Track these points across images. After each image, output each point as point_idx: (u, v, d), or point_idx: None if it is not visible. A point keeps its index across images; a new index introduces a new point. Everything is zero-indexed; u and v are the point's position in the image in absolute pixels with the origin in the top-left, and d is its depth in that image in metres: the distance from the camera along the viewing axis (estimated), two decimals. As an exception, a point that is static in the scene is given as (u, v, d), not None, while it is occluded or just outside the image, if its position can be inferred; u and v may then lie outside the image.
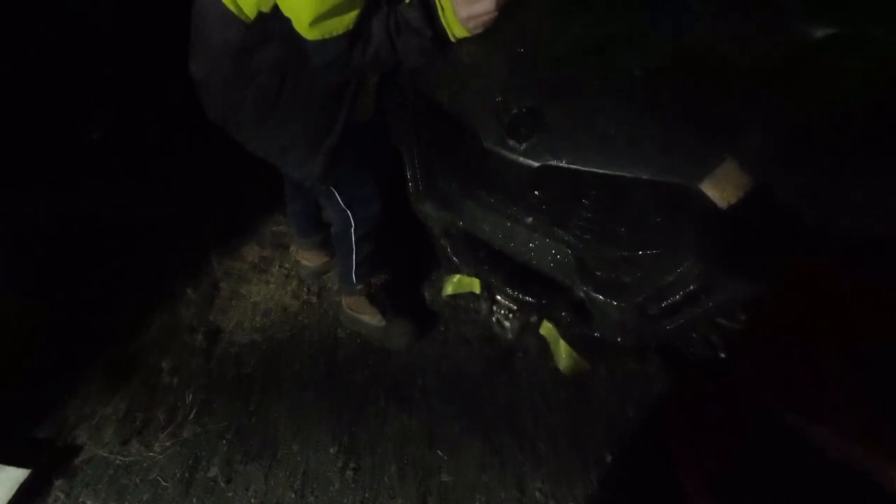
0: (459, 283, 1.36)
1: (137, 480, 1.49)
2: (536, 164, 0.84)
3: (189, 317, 1.89)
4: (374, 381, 1.70)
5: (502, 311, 1.18)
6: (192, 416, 1.62)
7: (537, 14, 0.95)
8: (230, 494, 1.45)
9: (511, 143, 0.87)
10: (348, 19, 0.93)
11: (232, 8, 1.00)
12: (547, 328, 1.21)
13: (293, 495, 1.45)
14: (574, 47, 0.89)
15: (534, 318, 1.27)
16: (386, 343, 1.77)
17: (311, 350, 1.80)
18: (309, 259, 2.00)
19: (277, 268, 2.12)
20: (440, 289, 1.88)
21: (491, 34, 0.97)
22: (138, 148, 2.50)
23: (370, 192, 1.41)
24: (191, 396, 1.66)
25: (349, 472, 1.49)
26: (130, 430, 1.59)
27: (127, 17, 2.13)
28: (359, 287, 1.68)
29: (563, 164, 0.81)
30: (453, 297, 1.82)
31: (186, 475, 1.49)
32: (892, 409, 0.71)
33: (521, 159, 0.86)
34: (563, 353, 1.19)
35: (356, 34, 0.95)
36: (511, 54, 0.93)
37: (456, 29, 0.97)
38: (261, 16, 0.98)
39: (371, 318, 1.76)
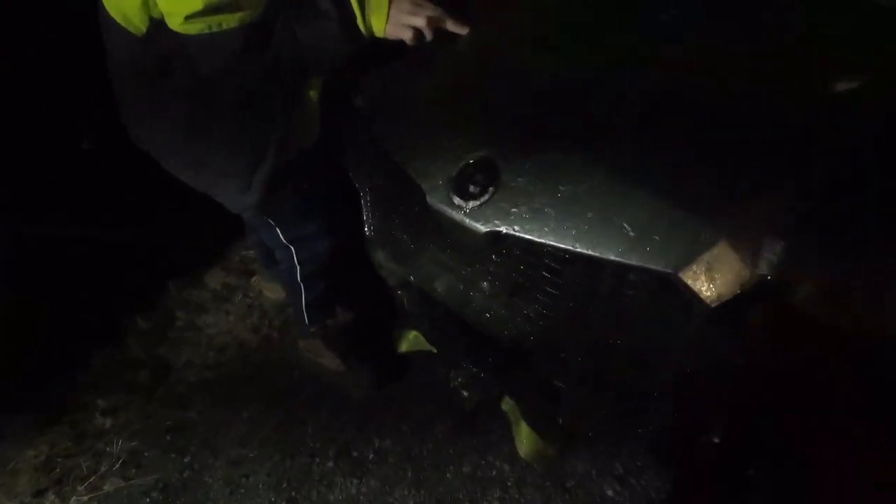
0: (416, 341, 1.21)
1: (44, 541, 1.32)
2: (483, 230, 0.69)
3: (137, 350, 1.74)
4: (327, 437, 1.53)
5: (460, 380, 1.02)
6: (117, 466, 1.45)
7: (507, 51, 0.80)
8: (146, 567, 1.28)
9: (457, 201, 0.71)
10: (244, 14, 0.81)
11: (118, 19, 0.87)
12: (508, 405, 1.05)
13: (216, 574, 1.27)
14: (545, 91, 0.73)
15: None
16: (343, 390, 1.60)
17: (264, 395, 1.64)
18: (272, 291, 1.85)
19: (240, 297, 1.97)
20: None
21: (453, 69, 0.82)
22: (100, 160, 2.38)
23: (316, 228, 1.26)
24: (120, 443, 1.50)
25: (283, 549, 1.30)
26: (48, 479, 1.43)
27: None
28: (312, 329, 1.52)
29: (515, 233, 0.66)
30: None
31: (98, 541, 1.31)
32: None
33: (468, 222, 0.70)
34: (524, 437, 1.02)
35: (253, 27, 0.83)
36: (472, 95, 0.78)
37: (375, 20, 0.85)
38: (154, 26, 0.85)
39: (329, 362, 1.59)
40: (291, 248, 1.31)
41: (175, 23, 0.81)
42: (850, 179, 0.58)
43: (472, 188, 0.69)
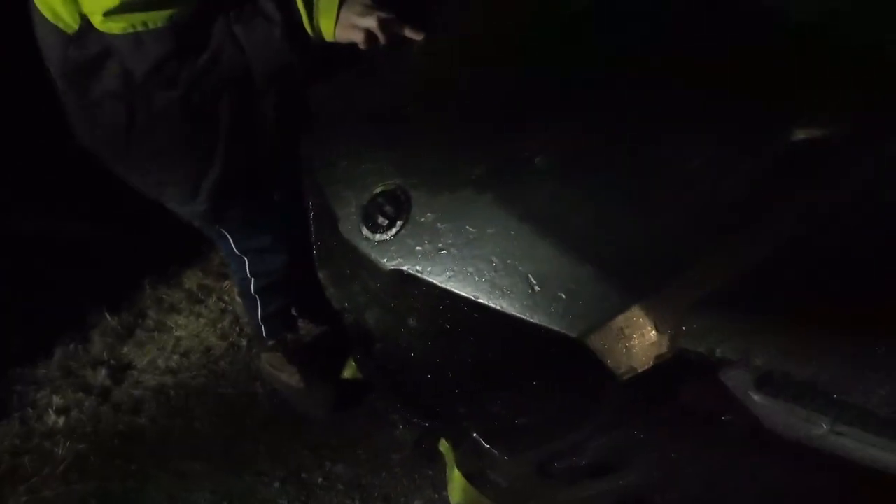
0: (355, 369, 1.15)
1: (-23, 543, 1.29)
2: (388, 267, 0.62)
3: (100, 347, 1.72)
4: (277, 456, 1.46)
5: (394, 415, 0.94)
6: (60, 469, 1.42)
7: (443, 73, 0.73)
8: (69, 579, 1.23)
9: (365, 232, 0.64)
10: (172, 12, 0.75)
11: (49, 16, 0.83)
12: (445, 447, 0.97)
13: None
14: (471, 120, 0.66)
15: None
16: (301, 409, 1.54)
17: (220, 406, 1.59)
18: (246, 297, 1.81)
19: (215, 300, 1.93)
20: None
21: (386, 86, 0.76)
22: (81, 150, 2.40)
23: (269, 241, 1.22)
24: (68, 445, 1.47)
25: (215, 573, 1.24)
26: (-9, 476, 1.40)
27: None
28: (270, 343, 1.47)
29: (417, 273, 0.59)
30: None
31: (29, 546, 1.28)
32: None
33: (373, 256, 0.63)
34: (455, 484, 0.94)
35: (186, 27, 0.77)
36: (397, 116, 0.71)
37: (324, 22, 0.79)
38: (86, 24, 0.80)
39: (289, 377, 1.54)
40: (245, 259, 1.27)
41: (96, 21, 0.76)
42: (801, 250, 0.49)
43: (380, 219, 0.63)
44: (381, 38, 0.79)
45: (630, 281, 0.50)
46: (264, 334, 1.44)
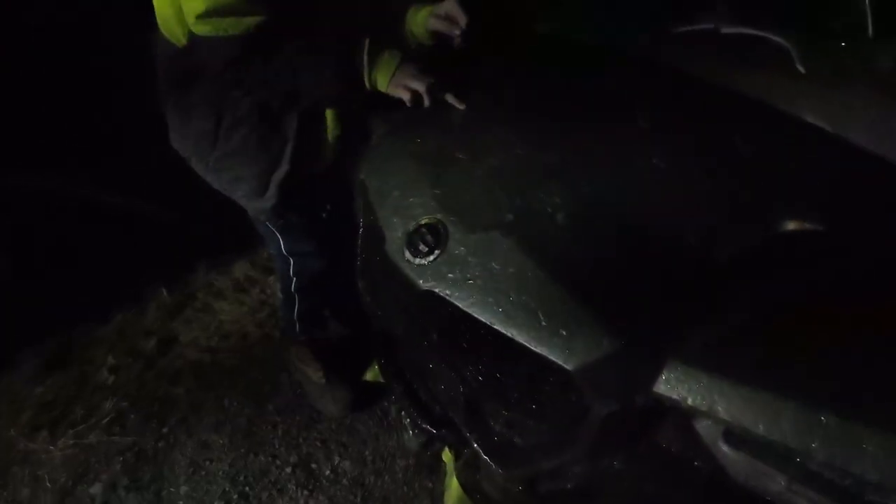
0: (377, 372, 1.24)
1: (26, 473, 1.46)
2: (423, 288, 0.73)
3: (152, 319, 1.91)
4: (292, 443, 1.58)
5: (408, 419, 1.04)
6: (105, 421, 1.58)
7: (488, 129, 0.86)
8: (99, 520, 1.38)
9: (407, 255, 0.76)
10: (248, 22, 0.87)
11: (165, 31, 0.97)
12: (448, 457, 1.05)
13: (157, 545, 1.34)
14: (506, 173, 0.77)
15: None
16: (319, 405, 1.65)
17: (247, 388, 1.73)
18: (284, 292, 1.95)
19: (258, 291, 2.10)
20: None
21: (438, 133, 0.89)
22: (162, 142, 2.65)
23: (314, 247, 1.33)
24: (114, 401, 1.64)
25: (221, 539, 1.36)
26: (46, 418, 1.59)
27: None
28: (302, 338, 1.59)
29: (446, 296, 0.69)
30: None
31: (69, 484, 1.44)
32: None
33: (411, 276, 0.75)
34: (452, 493, 1.01)
35: (255, 40, 0.89)
36: (445, 161, 0.83)
37: (380, 76, 0.91)
38: (192, 40, 0.94)
39: (313, 372, 1.65)
40: (291, 259, 1.39)
41: (191, 23, 0.89)
42: (770, 319, 0.57)
43: (421, 246, 0.74)
44: (427, 101, 0.92)
45: (621, 329, 0.59)
46: (297, 329, 1.57)
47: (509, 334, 0.63)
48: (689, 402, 0.55)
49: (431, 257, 0.73)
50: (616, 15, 1.09)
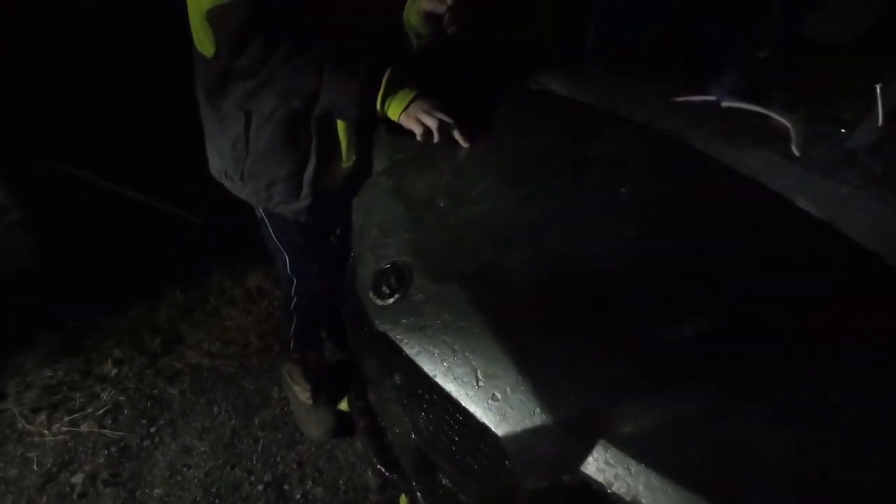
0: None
1: (19, 452, 1.53)
2: (379, 329, 0.73)
3: (163, 317, 1.99)
4: (269, 461, 1.58)
5: (368, 466, 1.02)
6: (99, 412, 1.65)
7: (476, 181, 0.87)
8: (74, 509, 1.41)
9: (370, 295, 0.77)
10: None
11: (197, 45, 1.03)
12: (404, 500, 1.02)
13: (122, 542, 1.36)
14: (478, 226, 0.78)
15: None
16: (302, 425, 1.66)
17: (238, 398, 1.76)
18: (291, 308, 2.00)
19: (266, 303, 2.15)
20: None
21: (425, 178, 0.91)
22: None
23: (317, 269, 1.37)
24: (112, 393, 1.70)
25: (183, 548, 1.36)
26: (48, 401, 1.66)
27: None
28: (295, 356, 1.62)
29: (397, 340, 0.69)
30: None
31: (53, 470, 1.49)
32: None
33: (371, 315, 0.76)
34: (405, 544, 0.98)
35: (262, 15, 0.90)
36: (426, 204, 0.85)
37: (394, 106, 0.95)
38: (217, 44, 0.98)
39: (301, 392, 1.67)
40: (294, 280, 1.44)
41: (205, 9, 0.92)
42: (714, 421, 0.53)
43: (384, 288, 0.75)
44: (436, 137, 0.94)
45: (557, 402, 0.57)
46: (292, 347, 1.60)
47: (447, 389, 0.62)
48: (615, 488, 0.52)
49: (391, 300, 0.74)
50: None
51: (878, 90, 0.78)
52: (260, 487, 1.51)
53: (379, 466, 0.91)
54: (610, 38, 1.28)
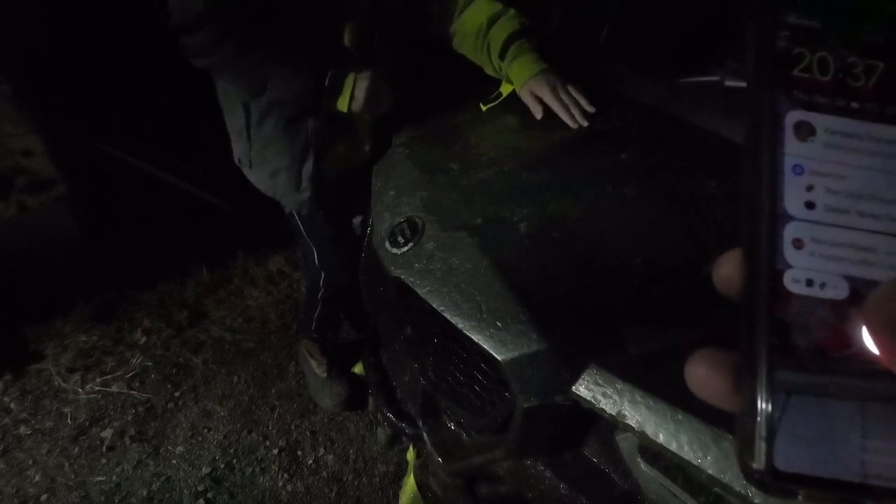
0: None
1: (55, 407, 1.63)
2: (392, 274, 0.80)
3: (189, 293, 2.09)
4: (283, 428, 1.66)
5: (378, 414, 1.08)
6: (129, 375, 1.75)
7: (484, 144, 0.94)
8: (103, 461, 1.51)
9: (387, 245, 0.84)
10: None
11: None
12: (411, 455, 1.08)
13: (144, 494, 1.44)
14: (490, 181, 0.85)
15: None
16: (316, 397, 1.73)
17: (256, 371, 1.84)
18: (310, 290, 2.08)
19: (286, 285, 2.24)
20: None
21: (440, 147, 0.98)
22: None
23: (343, 263, 1.42)
24: (140, 359, 1.80)
25: (200, 501, 1.44)
26: (83, 363, 1.77)
27: None
28: (315, 335, 1.69)
29: (409, 283, 0.76)
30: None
31: (86, 424, 1.59)
32: None
33: (386, 263, 0.83)
34: (407, 489, 1.03)
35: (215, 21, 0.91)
36: (440, 169, 0.92)
37: (516, 69, 0.99)
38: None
39: (317, 366, 1.74)
40: (322, 273, 1.49)
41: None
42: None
43: (400, 238, 0.82)
44: (564, 114, 0.96)
45: (551, 331, 0.63)
46: (313, 328, 1.67)
47: (453, 322, 0.68)
48: (602, 404, 0.57)
49: (406, 248, 0.80)
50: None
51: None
52: (275, 451, 1.58)
53: (389, 415, 0.97)
54: (623, 36, 1.35)
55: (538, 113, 0.98)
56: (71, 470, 1.48)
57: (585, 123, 0.95)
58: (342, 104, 1.01)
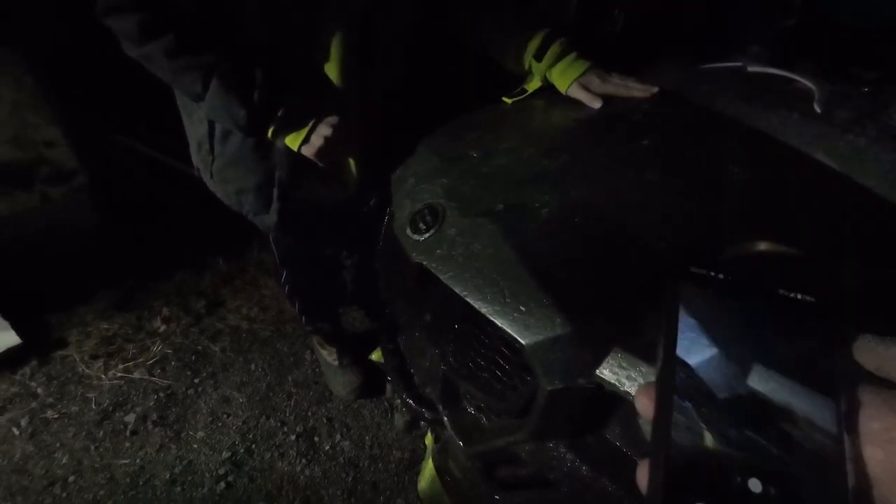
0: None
1: (80, 392, 1.68)
2: (414, 260, 0.81)
3: (206, 283, 2.13)
4: (301, 415, 1.69)
5: (397, 399, 1.10)
6: (150, 362, 1.78)
7: (504, 132, 0.94)
8: (127, 445, 1.55)
9: (407, 231, 0.85)
10: None
11: None
12: (429, 439, 1.09)
13: (167, 476, 1.48)
14: (511, 167, 0.85)
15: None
16: (331, 385, 1.76)
17: (273, 358, 1.87)
18: (322, 280, 2.10)
19: (301, 276, 2.26)
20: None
21: (459, 137, 0.98)
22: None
23: (315, 284, 1.46)
24: (161, 347, 1.84)
25: (221, 485, 1.47)
26: (105, 350, 1.81)
27: None
28: (308, 329, 1.71)
29: (432, 269, 0.77)
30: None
31: (109, 409, 1.63)
32: None
33: (407, 249, 0.83)
34: (426, 474, 1.04)
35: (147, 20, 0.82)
36: (461, 157, 0.92)
37: (559, 80, 0.98)
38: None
39: (328, 355, 1.77)
40: (283, 270, 1.49)
41: None
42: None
43: (421, 225, 0.82)
44: (632, 92, 0.96)
45: (575, 314, 0.63)
46: (303, 321, 1.66)
47: (476, 306, 0.69)
48: (626, 387, 0.58)
49: (427, 234, 0.81)
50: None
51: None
52: (292, 437, 1.61)
53: (409, 400, 0.99)
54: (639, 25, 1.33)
55: (597, 102, 0.96)
56: (96, 453, 1.52)
57: (656, 89, 0.95)
58: (292, 142, 0.93)
